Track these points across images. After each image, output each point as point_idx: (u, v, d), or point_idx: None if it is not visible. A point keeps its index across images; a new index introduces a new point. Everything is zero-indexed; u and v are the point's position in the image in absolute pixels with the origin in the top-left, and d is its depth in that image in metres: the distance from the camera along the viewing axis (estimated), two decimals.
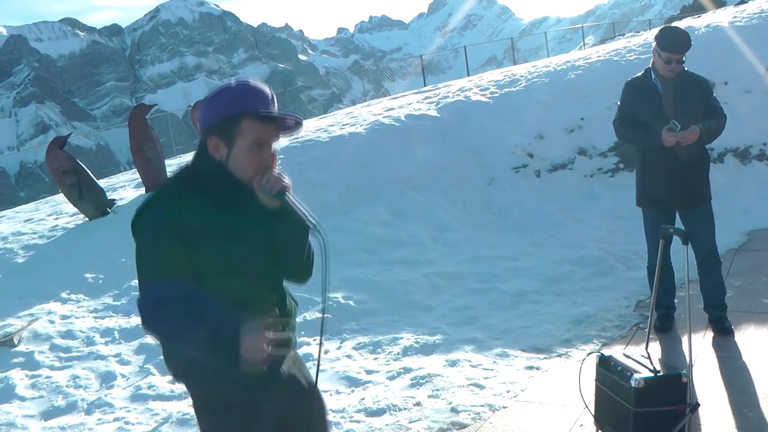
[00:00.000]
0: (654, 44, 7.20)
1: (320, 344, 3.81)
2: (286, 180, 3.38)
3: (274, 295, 3.58)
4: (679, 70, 7.10)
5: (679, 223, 7.24)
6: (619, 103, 7.52)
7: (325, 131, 15.32)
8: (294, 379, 3.65)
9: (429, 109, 15.56)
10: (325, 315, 3.69)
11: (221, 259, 3.29)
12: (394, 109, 16.52)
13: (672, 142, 6.88)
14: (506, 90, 16.32)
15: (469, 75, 26.44)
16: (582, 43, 50.11)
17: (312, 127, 16.55)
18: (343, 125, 15.68)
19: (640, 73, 7.43)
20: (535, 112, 15.14)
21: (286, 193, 3.36)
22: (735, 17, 18.51)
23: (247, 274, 3.33)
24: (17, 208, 19.78)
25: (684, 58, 7.08)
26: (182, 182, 3.44)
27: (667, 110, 7.07)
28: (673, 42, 7.05)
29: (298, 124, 3.50)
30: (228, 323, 3.08)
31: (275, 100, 3.45)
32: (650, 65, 7.31)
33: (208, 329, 3.08)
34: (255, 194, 3.39)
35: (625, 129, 7.44)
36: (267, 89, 3.44)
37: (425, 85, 25.93)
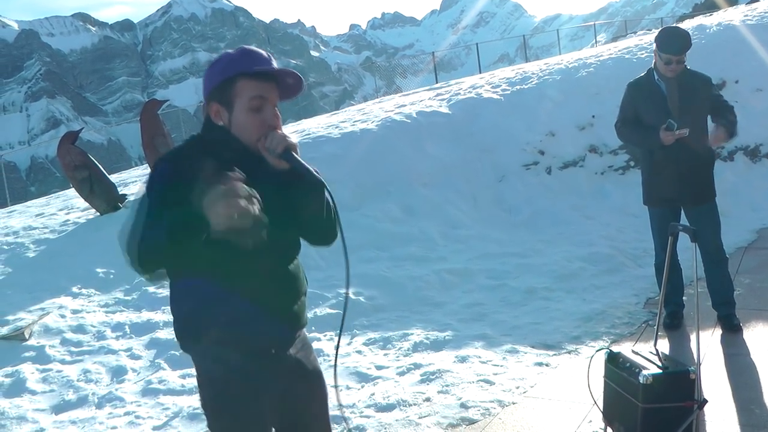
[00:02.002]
0: (654, 46, 7.21)
1: (341, 327, 3.65)
2: (292, 138, 3.32)
3: (286, 266, 3.52)
4: (680, 70, 7.11)
5: (684, 221, 7.24)
6: (620, 104, 7.54)
7: (336, 127, 15.34)
8: (299, 363, 3.63)
9: (440, 106, 15.56)
10: (347, 292, 3.62)
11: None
12: (405, 105, 16.53)
13: (671, 140, 6.90)
14: (518, 87, 16.32)
15: (480, 72, 26.42)
16: (594, 41, 49.99)
17: (323, 124, 16.57)
18: (355, 122, 15.69)
19: (642, 74, 7.45)
20: (547, 110, 15.13)
21: (294, 152, 3.30)
22: (746, 16, 18.47)
23: (259, 241, 3.24)
24: (28, 203, 19.83)
25: (685, 58, 7.09)
26: (193, 146, 3.43)
27: (673, 110, 7.08)
28: (672, 43, 7.07)
29: (297, 82, 3.45)
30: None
31: (273, 61, 3.41)
32: (653, 65, 7.33)
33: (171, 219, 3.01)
34: (263, 158, 3.33)
35: (627, 131, 7.46)
36: (264, 52, 3.43)
37: (437, 82, 25.91)
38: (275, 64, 3.40)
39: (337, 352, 3.75)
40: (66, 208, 16.02)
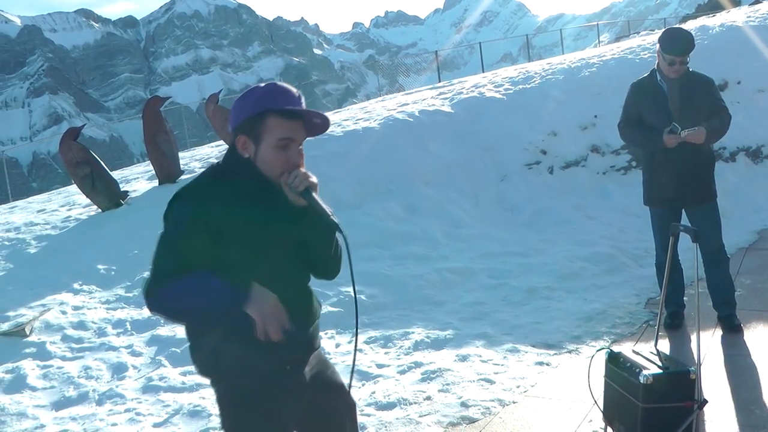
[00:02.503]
0: (657, 46, 7.22)
1: (354, 349, 3.80)
2: (313, 178, 3.43)
3: (299, 294, 3.63)
4: (683, 71, 7.12)
5: (686, 221, 7.25)
6: (624, 104, 7.55)
7: (339, 126, 15.35)
8: (317, 378, 3.71)
9: (443, 105, 15.57)
10: (356, 312, 3.74)
11: (247, 253, 3.34)
12: (408, 104, 16.53)
13: (674, 143, 6.92)
14: (520, 87, 16.33)
15: (483, 71, 26.42)
16: (597, 41, 50.01)
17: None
18: (357, 120, 15.71)
19: (645, 74, 7.46)
20: (549, 109, 15.14)
21: (312, 191, 3.41)
22: (749, 17, 18.48)
23: (273, 270, 3.36)
24: (30, 199, 19.85)
25: (688, 59, 7.10)
26: (212, 177, 3.50)
27: (673, 111, 7.10)
28: (676, 44, 7.07)
29: (324, 123, 3.54)
30: (235, 293, 3.21)
31: (302, 100, 3.49)
32: (656, 66, 7.33)
33: (217, 303, 3.22)
34: (282, 192, 3.43)
35: (630, 131, 7.47)
36: (294, 90, 3.49)
37: (440, 81, 25.90)
38: (304, 103, 3.49)
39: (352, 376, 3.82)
40: (67, 204, 16.04)
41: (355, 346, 3.69)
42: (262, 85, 3.51)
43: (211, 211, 3.31)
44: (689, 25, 19.58)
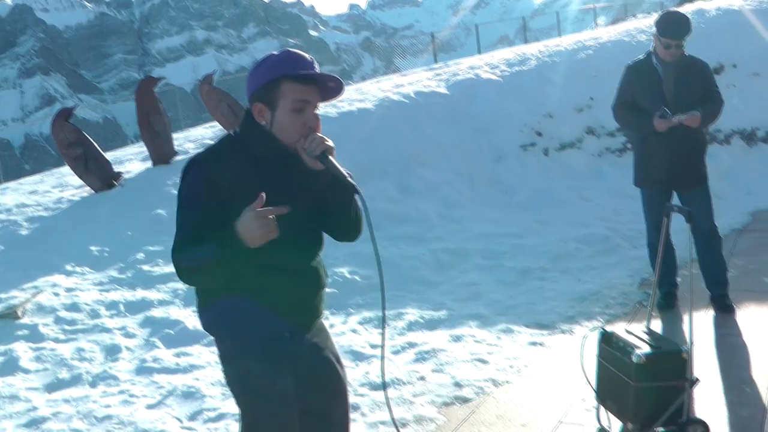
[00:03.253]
0: (654, 29, 7.20)
1: (383, 329, 3.84)
2: (329, 142, 3.48)
3: (309, 261, 3.70)
4: (679, 55, 7.11)
5: (677, 203, 7.25)
6: (618, 86, 7.54)
7: (334, 107, 15.30)
8: (316, 347, 3.79)
9: (438, 87, 15.55)
10: (382, 286, 3.78)
11: None
12: (403, 85, 16.51)
13: (664, 128, 6.93)
14: (516, 69, 16.31)
15: (480, 53, 26.33)
16: (594, 24, 49.86)
17: (321, 103, 16.52)
18: (353, 101, 15.67)
19: (641, 57, 7.44)
20: (545, 91, 15.14)
21: (329, 155, 3.46)
22: (745, 0, 18.43)
23: (284, 237, 3.35)
24: (22, 180, 19.79)
25: (684, 43, 7.09)
26: (227, 144, 3.57)
27: (667, 94, 7.10)
28: (672, 28, 7.06)
29: (338, 86, 3.58)
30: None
31: (316, 64, 3.53)
32: (652, 49, 7.32)
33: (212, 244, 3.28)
34: (299, 158, 3.48)
35: (623, 113, 7.46)
36: (307, 55, 3.53)
37: (436, 63, 25.82)
38: (318, 67, 3.54)
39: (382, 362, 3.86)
40: (60, 185, 16.00)
41: (383, 315, 3.73)
42: (276, 52, 3.56)
43: (223, 177, 3.38)
44: (686, 9, 19.51)
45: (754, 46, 15.41)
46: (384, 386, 3.75)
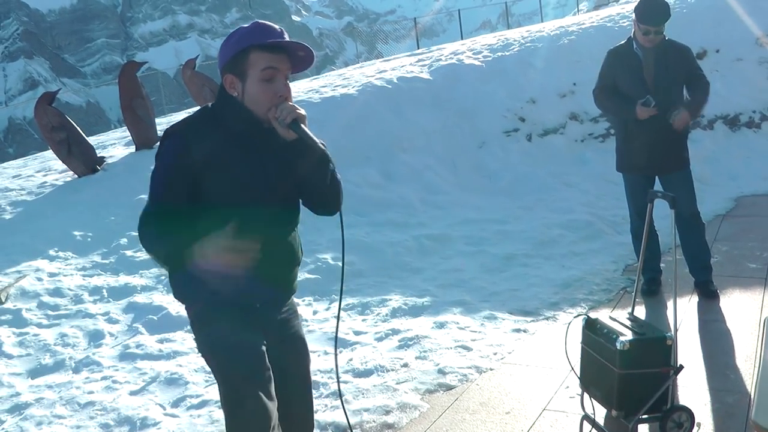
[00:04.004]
0: (633, 15, 7.21)
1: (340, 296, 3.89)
2: (301, 110, 3.47)
3: (284, 236, 3.70)
4: (659, 41, 7.12)
5: (659, 188, 7.27)
6: (600, 71, 7.55)
7: (317, 92, 15.27)
8: (284, 324, 3.82)
9: (421, 72, 15.51)
10: (343, 263, 3.78)
11: (232, 193, 3.42)
12: (386, 71, 16.46)
13: (645, 115, 6.94)
14: (499, 54, 16.28)
15: (462, 39, 26.31)
16: (576, 9, 49.89)
17: (304, 89, 16.49)
18: (335, 87, 15.62)
19: (623, 42, 7.46)
20: (528, 77, 15.12)
21: (302, 124, 3.45)
22: None
23: (259, 211, 3.41)
24: (5, 164, 19.66)
25: (663, 29, 7.10)
26: (201, 116, 3.58)
27: (648, 80, 7.13)
28: (651, 14, 7.07)
29: (308, 55, 3.58)
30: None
31: (285, 34, 3.54)
32: (632, 34, 7.33)
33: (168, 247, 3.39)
34: (273, 130, 3.49)
35: (604, 98, 7.47)
36: (276, 26, 3.55)
37: (418, 48, 25.80)
38: (287, 37, 3.54)
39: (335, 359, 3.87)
40: (43, 169, 15.90)
41: (340, 298, 3.76)
42: (246, 25, 3.58)
43: (198, 149, 3.40)
44: None
45: (737, 31, 15.44)
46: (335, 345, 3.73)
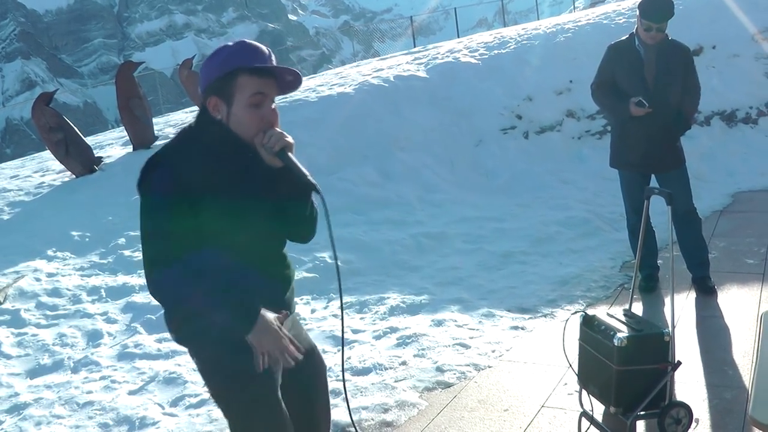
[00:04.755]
0: (637, 11, 7.21)
1: (341, 315, 3.75)
2: (289, 138, 3.37)
3: (275, 258, 3.62)
4: (661, 38, 7.12)
5: (655, 184, 7.28)
6: (599, 65, 7.55)
7: (314, 91, 15.27)
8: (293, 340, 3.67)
9: (418, 70, 15.52)
10: (338, 273, 3.70)
11: (224, 219, 3.29)
12: (383, 69, 16.46)
13: (641, 113, 6.95)
14: (496, 52, 16.28)
15: (459, 37, 26.32)
16: (572, 7, 49.91)
17: (301, 87, 16.44)
18: (332, 85, 15.63)
19: (624, 37, 7.45)
20: (524, 75, 15.12)
21: (288, 152, 3.35)
22: None
23: (251, 234, 3.33)
24: (3, 165, 19.66)
25: (666, 26, 7.10)
26: (185, 141, 3.45)
27: (648, 77, 7.13)
28: (654, 10, 7.05)
29: (296, 79, 3.47)
30: (241, 320, 3.24)
31: (273, 57, 3.43)
32: (635, 31, 7.33)
33: (227, 310, 3.24)
34: (257, 154, 3.38)
35: (600, 94, 7.47)
36: (264, 47, 3.43)
37: (415, 47, 25.81)
38: (275, 60, 3.43)
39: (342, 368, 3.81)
40: (41, 170, 15.91)
41: (342, 314, 3.69)
42: (231, 43, 3.44)
43: (190, 177, 3.25)
44: None
45: (734, 27, 15.46)
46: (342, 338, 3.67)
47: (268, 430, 3.52)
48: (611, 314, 5.13)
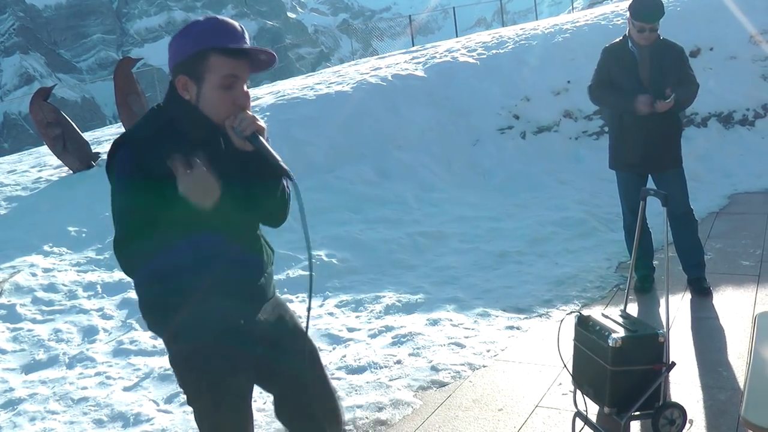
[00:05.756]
0: (628, 13, 7.23)
1: (309, 296, 3.69)
2: (260, 122, 3.28)
3: (249, 241, 3.56)
4: (653, 39, 7.14)
5: (651, 186, 7.28)
6: (596, 67, 7.56)
7: (312, 89, 15.27)
8: (277, 323, 3.66)
9: (416, 70, 15.52)
10: (312, 260, 3.62)
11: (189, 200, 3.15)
12: (381, 68, 16.46)
13: (646, 111, 6.95)
14: (494, 52, 16.27)
15: (457, 36, 26.32)
16: (571, 7, 49.93)
17: (299, 86, 16.50)
18: (330, 84, 15.62)
19: (618, 39, 7.47)
20: (522, 75, 15.12)
21: (260, 136, 3.26)
22: None
23: (222, 218, 3.21)
24: (0, 159, 19.67)
25: (658, 26, 7.11)
26: (153, 122, 3.37)
27: (643, 78, 7.15)
28: (645, 11, 7.07)
29: (270, 60, 3.37)
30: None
31: (246, 35, 3.32)
32: (627, 33, 7.35)
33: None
34: (227, 136, 3.30)
35: (600, 92, 7.48)
36: (237, 24, 3.33)
37: (413, 46, 25.81)
38: (248, 38, 3.32)
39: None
40: (38, 165, 15.92)
41: (309, 302, 3.64)
42: (202, 19, 3.33)
43: (150, 159, 3.17)
44: None
45: (731, 29, 15.47)
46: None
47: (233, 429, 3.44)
48: (606, 315, 5.14)
